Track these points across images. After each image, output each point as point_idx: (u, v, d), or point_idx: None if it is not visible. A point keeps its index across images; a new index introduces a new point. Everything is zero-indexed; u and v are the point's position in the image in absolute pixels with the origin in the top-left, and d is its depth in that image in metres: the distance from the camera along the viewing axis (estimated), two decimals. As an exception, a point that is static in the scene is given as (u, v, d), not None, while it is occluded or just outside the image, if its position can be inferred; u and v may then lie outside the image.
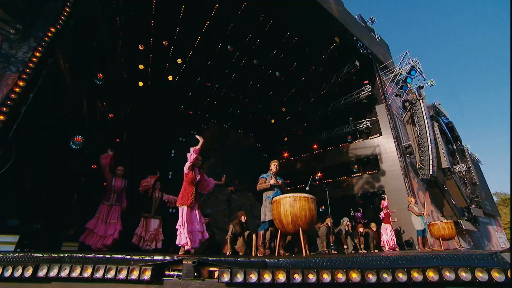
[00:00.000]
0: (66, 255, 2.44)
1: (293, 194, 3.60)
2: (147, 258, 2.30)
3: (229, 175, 12.73)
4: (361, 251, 8.07)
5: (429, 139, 10.68)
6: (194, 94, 12.72)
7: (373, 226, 8.69)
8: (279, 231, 3.79)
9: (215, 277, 2.16)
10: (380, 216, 8.38)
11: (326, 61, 12.36)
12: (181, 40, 10.28)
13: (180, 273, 2.21)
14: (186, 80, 11.94)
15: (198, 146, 4.02)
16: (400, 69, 12.20)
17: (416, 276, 1.96)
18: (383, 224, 8.39)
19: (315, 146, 14.35)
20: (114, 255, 2.43)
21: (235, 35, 10.65)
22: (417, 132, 11.29)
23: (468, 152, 18.46)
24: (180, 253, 3.64)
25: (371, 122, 12.42)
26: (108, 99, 7.45)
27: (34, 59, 3.75)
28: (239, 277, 2.04)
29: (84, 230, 4.37)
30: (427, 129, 10.85)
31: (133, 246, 5.17)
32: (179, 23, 9.64)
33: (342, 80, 12.63)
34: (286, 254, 4.17)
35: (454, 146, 16.17)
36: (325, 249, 6.91)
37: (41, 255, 2.46)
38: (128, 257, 2.40)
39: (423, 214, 7.72)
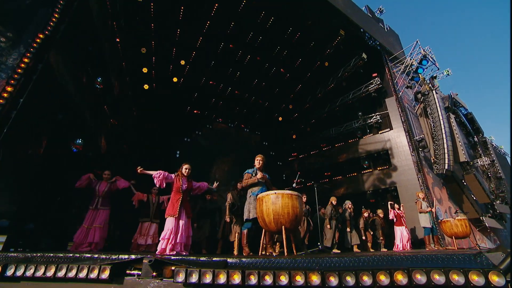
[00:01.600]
0: (39, 254, 2.48)
1: (275, 191, 3.47)
2: (112, 257, 2.29)
3: (235, 174, 12.76)
4: (370, 249, 7.79)
5: (443, 132, 10.05)
6: (199, 95, 12.81)
7: (380, 212, 8.33)
8: (263, 229, 3.67)
9: (176, 277, 2.10)
10: (392, 216, 7.93)
11: (331, 55, 12.01)
12: (183, 42, 10.37)
13: (140, 272, 2.17)
14: (191, 81, 12.05)
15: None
16: (411, 60, 11.59)
17: (383, 279, 1.78)
18: (395, 226, 7.93)
19: (324, 143, 14.02)
20: (82, 254, 2.44)
21: (236, 33, 10.61)
22: (431, 124, 10.66)
23: (492, 145, 17.24)
24: None
25: (381, 116, 11.93)
26: (110, 102, 7.63)
27: (23, 65, 3.87)
28: (194, 277, 1.97)
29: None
30: (441, 121, 10.21)
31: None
32: (180, 25, 9.72)
33: (349, 74, 12.21)
34: (275, 254, 4.03)
35: (476, 139, 15.15)
36: (328, 226, 7.00)
37: (15, 254, 2.52)
38: (96, 256, 2.40)
39: (431, 210, 7.26)
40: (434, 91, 10.62)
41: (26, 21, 4.27)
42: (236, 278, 1.90)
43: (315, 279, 1.81)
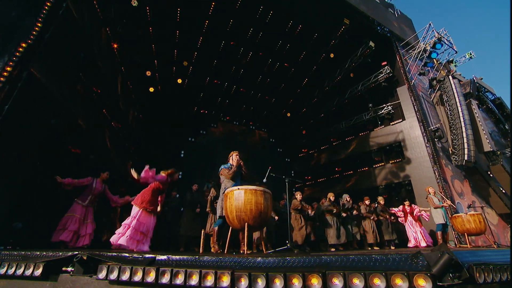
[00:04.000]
0: (-4, 252, 2.61)
1: (238, 187, 3.36)
2: (59, 253, 2.34)
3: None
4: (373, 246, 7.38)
5: (461, 120, 9.19)
6: (205, 95, 12.93)
7: (380, 199, 7.90)
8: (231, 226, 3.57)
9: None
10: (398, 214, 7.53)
11: (337, 46, 11.49)
12: (183, 43, 10.49)
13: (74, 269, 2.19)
14: (195, 82, 12.19)
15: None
16: (424, 44, 10.72)
17: (295, 283, 1.61)
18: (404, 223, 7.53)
19: (334, 137, 13.56)
20: (33, 252, 2.53)
21: (236, 31, 10.52)
22: (448, 113, 9.80)
23: (528, 132, 15.48)
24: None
25: (393, 106, 11.25)
26: (111, 106, 7.94)
27: (5, 74, 4.11)
28: (114, 274, 1.95)
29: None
30: (459, 108, 9.35)
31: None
32: (178, 26, 9.83)
33: (356, 64, 11.63)
34: (248, 252, 3.92)
35: (507, 126, 13.69)
36: (330, 222, 6.65)
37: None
38: (44, 253, 2.47)
39: (445, 206, 6.70)
40: (450, 76, 9.73)
41: (12, 32, 4.53)
42: (151, 276, 1.85)
43: (225, 279, 1.70)
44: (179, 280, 1.78)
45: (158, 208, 4.43)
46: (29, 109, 4.66)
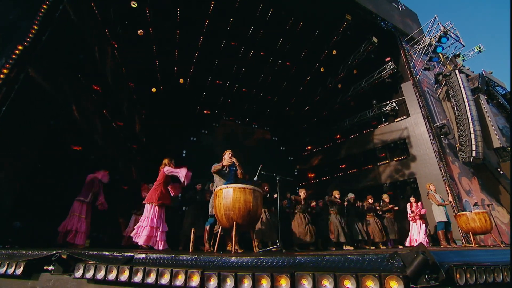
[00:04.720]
0: (-14, 251, 2.66)
1: (227, 185, 3.33)
2: (43, 252, 2.36)
3: (243, 171, 12.77)
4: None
5: (469, 115, 8.90)
6: (206, 94, 12.95)
7: (385, 197, 7.75)
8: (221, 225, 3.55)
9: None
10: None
11: (339, 42, 11.30)
12: (184, 43, 10.51)
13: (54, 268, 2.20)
14: (197, 81, 12.21)
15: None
16: (429, 39, 10.42)
17: (264, 284, 1.56)
18: (411, 222, 7.38)
19: (338, 135, 13.39)
20: (20, 251, 2.56)
21: (237, 30, 10.46)
22: (454, 108, 9.50)
23: (543, 127, 14.88)
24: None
25: (397, 103, 11.01)
26: (112, 106, 8.04)
27: (2, 76, 4.20)
28: (90, 273, 1.96)
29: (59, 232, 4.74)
30: (466, 103, 9.05)
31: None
32: (178, 26, 9.85)
33: (359, 60, 11.41)
34: (240, 251, 3.88)
35: (519, 121, 13.22)
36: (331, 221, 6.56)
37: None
38: (30, 252, 2.50)
39: (447, 204, 6.51)
40: (456, 71, 9.43)
41: (9, 34, 4.63)
42: (125, 274, 1.85)
43: (195, 279, 1.67)
44: (151, 279, 1.76)
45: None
46: (27, 110, 4.75)
